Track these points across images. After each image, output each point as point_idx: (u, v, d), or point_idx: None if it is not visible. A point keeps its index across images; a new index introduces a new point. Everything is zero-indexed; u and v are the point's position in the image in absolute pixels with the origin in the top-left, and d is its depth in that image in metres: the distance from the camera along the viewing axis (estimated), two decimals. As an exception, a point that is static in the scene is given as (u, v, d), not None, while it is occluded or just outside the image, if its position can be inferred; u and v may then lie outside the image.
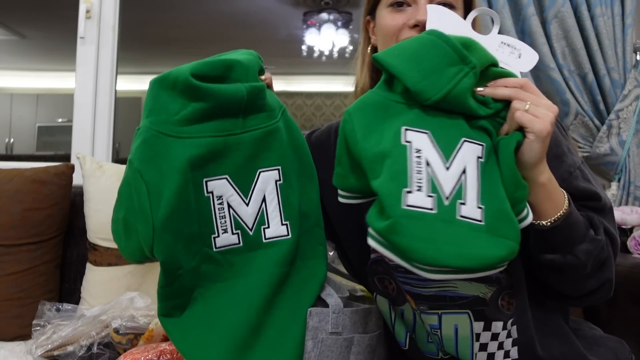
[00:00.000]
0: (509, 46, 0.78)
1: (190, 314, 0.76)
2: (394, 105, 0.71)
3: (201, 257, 0.76)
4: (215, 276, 0.77)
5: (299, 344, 0.77)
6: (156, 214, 0.72)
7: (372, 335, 0.89)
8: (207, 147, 0.74)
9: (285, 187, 0.80)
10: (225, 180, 0.76)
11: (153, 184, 0.72)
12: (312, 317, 0.78)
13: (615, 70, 1.57)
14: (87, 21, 1.76)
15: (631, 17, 1.57)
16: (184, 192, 0.73)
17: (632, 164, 1.60)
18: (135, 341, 1.05)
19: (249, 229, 0.78)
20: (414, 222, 0.64)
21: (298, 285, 0.80)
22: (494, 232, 0.66)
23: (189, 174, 0.73)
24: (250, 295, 0.76)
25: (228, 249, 0.77)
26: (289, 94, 5.72)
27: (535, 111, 0.68)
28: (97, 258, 1.39)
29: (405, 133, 0.69)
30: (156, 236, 0.72)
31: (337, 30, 4.09)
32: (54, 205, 1.41)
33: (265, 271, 0.77)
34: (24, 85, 5.47)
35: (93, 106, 1.77)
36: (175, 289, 0.75)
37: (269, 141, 0.79)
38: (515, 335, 0.80)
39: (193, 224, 0.74)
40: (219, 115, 0.75)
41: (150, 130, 0.73)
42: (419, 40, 0.72)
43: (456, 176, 0.68)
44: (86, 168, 1.42)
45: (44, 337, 1.10)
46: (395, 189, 0.65)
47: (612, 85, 1.57)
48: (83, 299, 1.40)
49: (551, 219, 0.73)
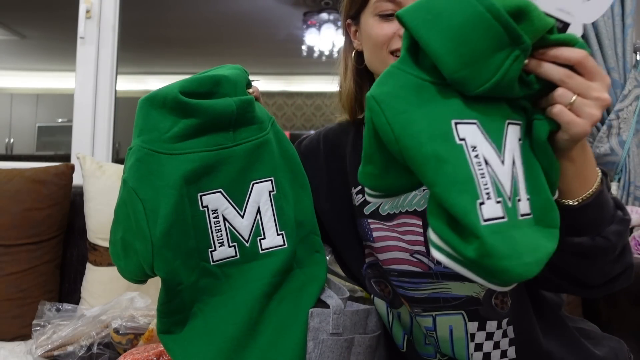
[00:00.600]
0: None
1: (189, 330, 0.76)
2: (428, 87, 0.58)
3: (199, 271, 0.76)
4: (213, 290, 0.77)
5: (300, 345, 0.77)
6: (154, 231, 0.72)
7: (373, 336, 0.89)
8: (200, 162, 0.74)
9: (279, 197, 0.80)
10: (220, 194, 0.77)
11: (149, 201, 0.72)
12: (313, 318, 0.78)
13: (615, 70, 1.57)
14: (87, 21, 1.76)
15: (631, 17, 1.58)
16: (180, 208, 0.73)
17: (632, 164, 1.60)
18: (135, 341, 1.05)
19: (245, 240, 0.78)
20: (497, 238, 0.55)
21: (296, 290, 0.80)
22: (543, 224, 0.61)
23: (184, 189, 0.73)
24: (249, 305, 0.76)
25: (225, 262, 0.77)
26: (289, 94, 5.72)
27: (579, 109, 0.58)
28: (97, 258, 1.39)
29: (456, 128, 0.57)
30: (156, 253, 0.72)
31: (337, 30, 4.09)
32: (54, 205, 1.41)
33: (262, 281, 0.77)
34: (24, 85, 5.47)
35: (93, 106, 1.77)
36: (175, 305, 0.76)
37: (261, 153, 0.79)
38: (512, 335, 0.80)
39: (190, 239, 0.75)
40: (210, 130, 0.75)
41: (142, 150, 0.73)
42: (463, 10, 0.55)
43: (510, 170, 0.59)
44: (86, 168, 1.42)
45: (44, 337, 1.10)
46: (469, 204, 0.55)
47: (612, 85, 1.57)
48: (83, 299, 1.40)
49: (581, 197, 0.65)
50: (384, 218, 0.85)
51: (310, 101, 5.80)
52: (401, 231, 0.83)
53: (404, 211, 0.83)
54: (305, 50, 4.39)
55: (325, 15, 3.96)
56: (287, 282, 0.80)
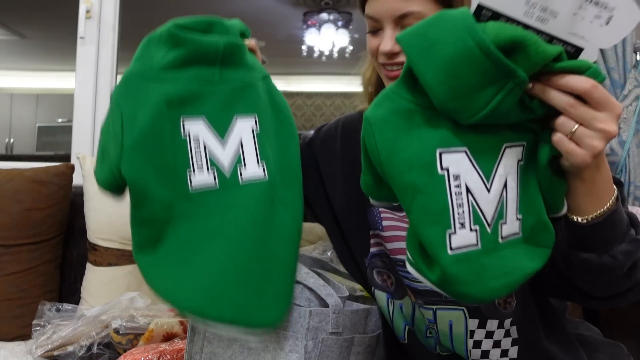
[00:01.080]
0: (597, 5, 0.53)
1: (162, 250, 0.76)
2: (421, 113, 0.59)
3: (176, 194, 0.76)
4: (189, 214, 0.76)
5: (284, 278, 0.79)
6: (127, 136, 0.73)
7: (372, 336, 0.89)
8: (184, 91, 0.76)
9: (262, 136, 0.82)
10: (202, 121, 0.78)
11: (128, 112, 0.74)
12: (313, 318, 0.78)
13: (615, 70, 1.57)
14: (87, 21, 1.76)
15: (631, 17, 1.58)
16: (158, 123, 0.74)
17: (632, 164, 1.61)
18: (135, 341, 1.05)
19: (224, 169, 0.79)
20: (462, 266, 0.58)
21: (276, 225, 0.80)
22: (531, 242, 0.63)
23: (165, 110, 0.75)
24: (227, 230, 0.76)
25: (204, 190, 0.77)
26: (289, 94, 5.72)
27: (580, 139, 0.56)
28: (97, 258, 1.39)
29: (440, 158, 0.58)
30: (125, 155, 0.73)
31: (337, 30, 4.09)
32: (54, 205, 1.41)
33: (242, 208, 0.78)
34: (24, 85, 5.46)
35: (93, 106, 1.77)
36: (146, 216, 0.75)
37: (246, 93, 0.81)
38: (515, 335, 0.80)
39: (167, 157, 0.75)
40: (197, 62, 0.78)
41: (133, 74, 0.76)
42: (455, 43, 0.55)
43: (497, 195, 0.60)
44: (86, 168, 1.42)
45: (44, 337, 1.10)
46: (437, 234, 0.58)
47: (612, 85, 1.57)
48: (83, 299, 1.40)
49: (591, 215, 0.63)
50: (394, 208, 0.85)
51: (310, 101, 5.80)
52: None
53: None
54: (305, 50, 4.39)
55: (325, 15, 3.96)
56: (269, 217, 0.80)
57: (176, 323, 1.07)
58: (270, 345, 0.79)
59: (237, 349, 0.82)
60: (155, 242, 0.76)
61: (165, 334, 1.05)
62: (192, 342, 0.88)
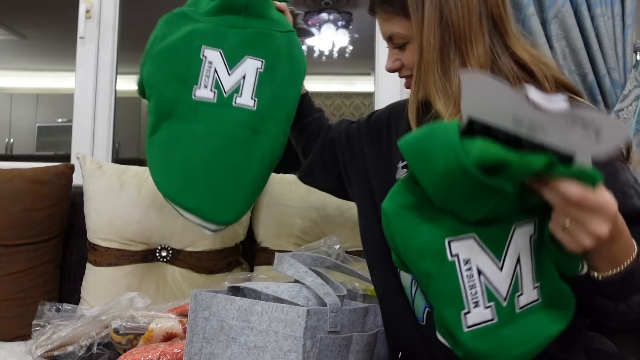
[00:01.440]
0: (582, 127, 0.53)
1: (156, 139, 0.99)
2: (429, 206, 0.63)
3: (180, 97, 0.99)
4: (184, 116, 0.99)
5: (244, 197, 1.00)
6: (152, 48, 1.00)
7: (371, 334, 0.89)
8: (211, 29, 1.01)
9: (264, 76, 1.01)
10: (219, 53, 1.01)
11: (161, 34, 1.00)
12: (311, 317, 0.78)
13: (616, 70, 1.57)
14: (87, 21, 1.76)
15: (631, 17, 1.57)
16: (182, 45, 0.99)
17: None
18: (135, 341, 1.05)
19: (224, 92, 1.00)
20: (482, 341, 0.63)
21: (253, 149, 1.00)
22: (551, 306, 0.66)
23: (191, 36, 0.99)
24: (209, 137, 0.98)
25: (203, 100, 1.00)
26: (289, 94, 5.71)
27: (572, 233, 0.58)
28: (97, 258, 1.39)
29: (449, 247, 0.62)
30: (146, 60, 1.00)
31: (337, 30, 4.09)
32: (54, 205, 1.41)
33: (227, 125, 0.99)
34: (23, 85, 5.46)
35: (93, 106, 1.77)
36: (152, 108, 0.99)
37: (262, 39, 1.02)
38: None
39: (182, 68, 0.99)
40: (226, 11, 1.01)
41: (181, 11, 1.02)
42: (443, 159, 0.56)
43: (511, 272, 0.64)
44: (86, 168, 1.42)
45: (44, 337, 1.10)
46: (453, 315, 0.63)
47: (612, 85, 1.57)
48: (83, 299, 1.40)
49: (607, 273, 0.64)
50: None
51: (311, 101, 5.79)
52: None
53: None
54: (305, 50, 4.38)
55: (325, 15, 3.96)
56: (247, 138, 1.00)
57: (176, 323, 1.07)
58: (269, 345, 0.79)
59: (236, 349, 0.82)
60: (154, 131, 0.99)
61: (165, 334, 1.05)
62: (191, 343, 0.88)
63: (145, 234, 1.37)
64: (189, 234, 1.38)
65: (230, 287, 0.94)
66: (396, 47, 0.90)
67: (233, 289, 0.94)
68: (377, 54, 1.77)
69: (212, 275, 1.39)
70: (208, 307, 0.86)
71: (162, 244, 1.40)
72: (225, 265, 1.41)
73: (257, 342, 0.80)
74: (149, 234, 1.38)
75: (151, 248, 1.40)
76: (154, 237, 1.38)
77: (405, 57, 0.90)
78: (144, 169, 1.45)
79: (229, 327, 0.83)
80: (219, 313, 0.85)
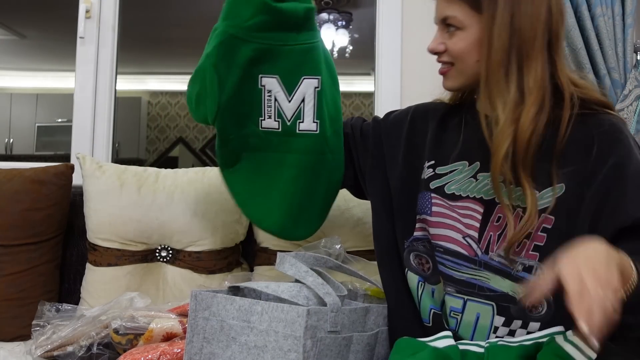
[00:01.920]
0: None
1: (239, 166, 1.06)
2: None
3: (249, 131, 1.03)
4: (258, 147, 1.05)
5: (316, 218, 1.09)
6: (221, 98, 1.00)
7: (371, 334, 0.89)
8: (265, 51, 0.99)
9: (321, 94, 1.02)
10: (276, 80, 1.01)
11: (222, 75, 0.99)
12: (311, 316, 0.78)
13: (616, 70, 1.57)
14: (87, 21, 1.76)
15: (631, 17, 1.57)
16: (243, 83, 1.00)
17: (632, 163, 1.60)
18: (135, 341, 1.05)
19: (287, 120, 1.02)
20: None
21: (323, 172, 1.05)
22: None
23: (247, 68, 0.99)
24: (283, 167, 1.04)
25: (270, 130, 1.03)
26: (289, 94, 5.71)
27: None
28: (96, 258, 1.39)
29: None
30: (219, 113, 1.01)
31: (337, 30, 4.09)
32: (54, 205, 1.41)
33: (295, 155, 1.04)
34: (23, 85, 5.46)
35: (93, 106, 1.77)
36: (227, 151, 1.06)
37: (313, 55, 1.02)
38: None
39: (246, 106, 1.02)
40: (279, 28, 0.98)
41: (226, 34, 0.98)
42: None
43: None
44: (86, 168, 1.42)
45: (44, 337, 1.10)
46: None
47: (613, 85, 1.57)
48: (83, 299, 1.40)
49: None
50: (447, 196, 0.91)
51: (310, 101, 5.79)
52: (461, 213, 0.88)
53: (471, 196, 0.88)
54: (305, 50, 4.38)
55: (325, 15, 3.95)
56: (316, 162, 1.04)
57: (176, 323, 1.07)
58: (269, 345, 0.79)
59: (237, 349, 0.82)
60: (233, 164, 1.06)
61: (165, 334, 1.05)
62: (191, 343, 0.88)
63: (145, 234, 1.37)
64: (188, 234, 1.38)
65: (230, 287, 0.94)
66: (446, 31, 0.90)
67: (233, 289, 0.94)
68: (377, 54, 1.77)
69: (212, 276, 1.39)
70: (208, 307, 0.86)
71: (162, 244, 1.40)
72: (225, 265, 1.41)
73: (257, 342, 0.80)
74: (148, 234, 1.38)
75: (151, 248, 1.40)
76: (153, 237, 1.38)
77: (451, 43, 0.90)
78: (144, 169, 1.45)
79: (229, 327, 0.83)
80: (219, 313, 0.85)
